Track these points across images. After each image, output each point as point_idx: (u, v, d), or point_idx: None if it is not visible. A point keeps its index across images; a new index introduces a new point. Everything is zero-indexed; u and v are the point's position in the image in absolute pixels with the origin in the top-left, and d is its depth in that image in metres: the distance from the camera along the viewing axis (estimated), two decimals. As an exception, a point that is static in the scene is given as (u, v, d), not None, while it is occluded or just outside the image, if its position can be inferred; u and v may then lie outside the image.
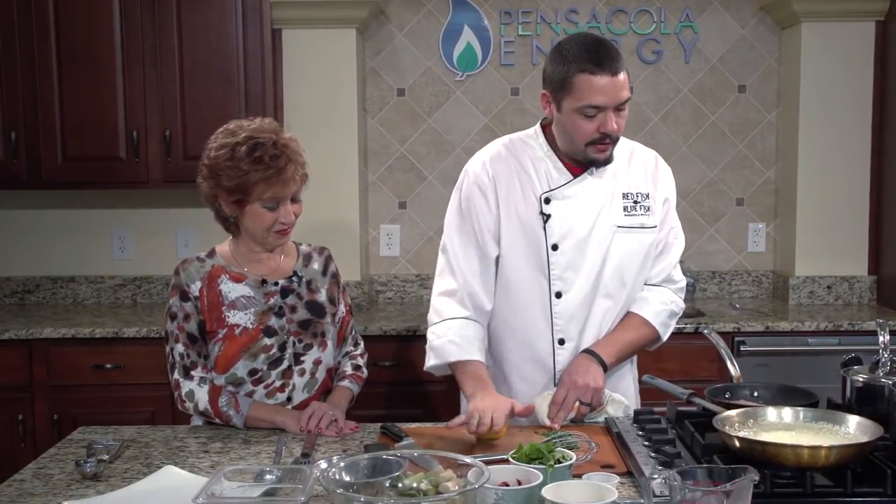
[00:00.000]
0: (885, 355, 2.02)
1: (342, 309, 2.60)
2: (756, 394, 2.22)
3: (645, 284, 2.54)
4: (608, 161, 2.41)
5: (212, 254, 2.49)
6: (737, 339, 3.78)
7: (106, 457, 2.07)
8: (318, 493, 1.80)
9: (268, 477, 1.86)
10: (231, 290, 2.43)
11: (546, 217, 2.43)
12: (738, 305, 4.23)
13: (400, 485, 1.61)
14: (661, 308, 2.52)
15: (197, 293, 2.41)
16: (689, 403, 2.19)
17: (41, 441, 3.63)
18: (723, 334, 3.43)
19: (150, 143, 3.96)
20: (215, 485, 1.76)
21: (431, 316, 2.52)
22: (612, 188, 2.46)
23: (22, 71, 3.91)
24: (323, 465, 1.79)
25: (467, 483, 1.58)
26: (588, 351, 2.42)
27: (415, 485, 1.60)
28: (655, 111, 4.40)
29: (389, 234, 4.44)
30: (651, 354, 2.67)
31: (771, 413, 1.95)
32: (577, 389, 2.32)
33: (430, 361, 2.48)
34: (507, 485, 1.68)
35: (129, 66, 3.92)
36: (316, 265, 2.57)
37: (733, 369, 2.34)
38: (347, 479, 1.63)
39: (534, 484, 1.65)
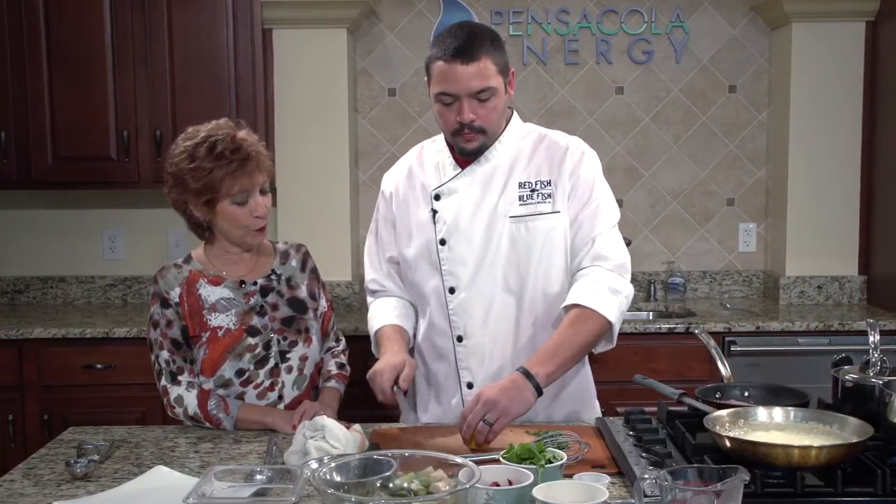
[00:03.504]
0: (876, 355, 2.02)
1: (323, 304, 2.60)
2: (747, 394, 2.22)
3: (575, 272, 2.37)
4: (480, 151, 2.37)
5: (188, 259, 2.49)
6: (727, 339, 3.77)
7: (96, 457, 2.06)
8: (308, 493, 1.80)
9: (258, 477, 1.86)
10: (210, 293, 2.43)
11: (434, 213, 2.42)
12: (728, 305, 4.23)
13: (391, 485, 1.61)
14: (590, 287, 2.28)
15: (177, 299, 2.41)
16: (679, 403, 2.18)
17: (31, 441, 3.62)
18: (713, 334, 3.44)
19: (141, 143, 3.95)
20: (206, 485, 1.75)
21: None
22: (505, 179, 2.39)
23: (12, 70, 3.90)
24: (314, 465, 1.79)
25: (458, 483, 1.57)
26: (525, 372, 2.15)
27: (406, 485, 1.60)
28: (646, 111, 4.40)
29: (381, 234, 4.43)
30: (642, 354, 2.65)
31: (761, 413, 1.95)
32: (487, 406, 2.07)
33: (373, 347, 2.49)
34: (498, 485, 1.67)
35: (120, 66, 3.92)
36: (294, 262, 2.56)
37: (724, 369, 2.34)
38: (338, 479, 1.63)
39: (525, 484, 1.65)
